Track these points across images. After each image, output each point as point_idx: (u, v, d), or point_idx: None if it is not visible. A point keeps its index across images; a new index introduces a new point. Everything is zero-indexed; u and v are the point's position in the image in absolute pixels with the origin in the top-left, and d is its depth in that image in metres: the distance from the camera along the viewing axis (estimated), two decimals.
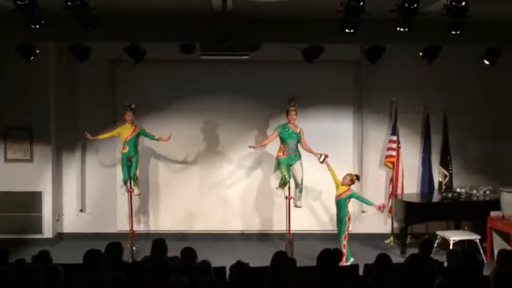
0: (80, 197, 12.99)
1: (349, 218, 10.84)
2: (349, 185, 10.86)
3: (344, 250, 10.51)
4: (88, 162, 12.98)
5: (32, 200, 12.43)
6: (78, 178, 12.98)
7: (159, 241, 7.53)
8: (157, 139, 11.83)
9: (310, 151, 11.28)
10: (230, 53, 10.05)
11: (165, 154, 12.81)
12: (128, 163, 11.49)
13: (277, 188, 11.41)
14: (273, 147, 11.64)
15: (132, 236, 11.52)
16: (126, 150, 11.45)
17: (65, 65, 12.44)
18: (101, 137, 11.60)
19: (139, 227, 12.76)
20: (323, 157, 11.00)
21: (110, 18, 9.08)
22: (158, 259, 7.26)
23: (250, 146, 11.60)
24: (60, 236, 12.86)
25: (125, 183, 11.66)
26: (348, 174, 10.94)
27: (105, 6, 8.24)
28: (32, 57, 10.19)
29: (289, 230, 11.40)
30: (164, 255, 7.39)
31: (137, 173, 11.74)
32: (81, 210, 13.00)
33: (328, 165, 10.97)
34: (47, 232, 12.51)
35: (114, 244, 7.51)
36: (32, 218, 12.44)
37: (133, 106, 11.39)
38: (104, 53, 11.46)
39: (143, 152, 12.39)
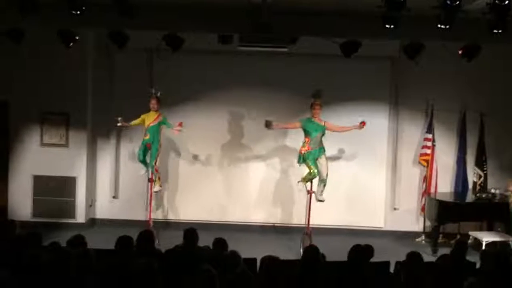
0: (113, 183, 13.09)
1: None
2: None
3: None
4: (122, 149, 13.07)
5: (66, 185, 12.61)
6: (112, 164, 13.09)
7: (191, 230, 7.56)
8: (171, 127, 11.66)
9: (347, 129, 11.24)
10: (268, 45, 10.02)
11: (194, 145, 12.87)
12: (148, 150, 11.49)
13: (299, 182, 11.26)
14: (296, 140, 11.65)
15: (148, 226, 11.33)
16: (147, 137, 11.47)
17: (103, 52, 12.52)
18: (131, 123, 11.60)
19: (160, 216, 12.98)
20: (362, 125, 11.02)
21: (149, 7, 9.13)
22: (190, 248, 7.30)
23: (267, 121, 11.22)
24: (93, 222, 13.00)
25: (144, 164, 11.61)
26: None
27: None
28: (72, 44, 10.21)
29: (308, 225, 11.38)
30: (195, 244, 7.43)
31: (156, 164, 11.60)
32: (114, 197, 13.11)
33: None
34: (80, 217, 12.70)
35: (146, 231, 7.58)
36: (65, 202, 12.63)
37: (158, 94, 11.44)
38: (142, 42, 11.47)
39: (172, 142, 12.51)
